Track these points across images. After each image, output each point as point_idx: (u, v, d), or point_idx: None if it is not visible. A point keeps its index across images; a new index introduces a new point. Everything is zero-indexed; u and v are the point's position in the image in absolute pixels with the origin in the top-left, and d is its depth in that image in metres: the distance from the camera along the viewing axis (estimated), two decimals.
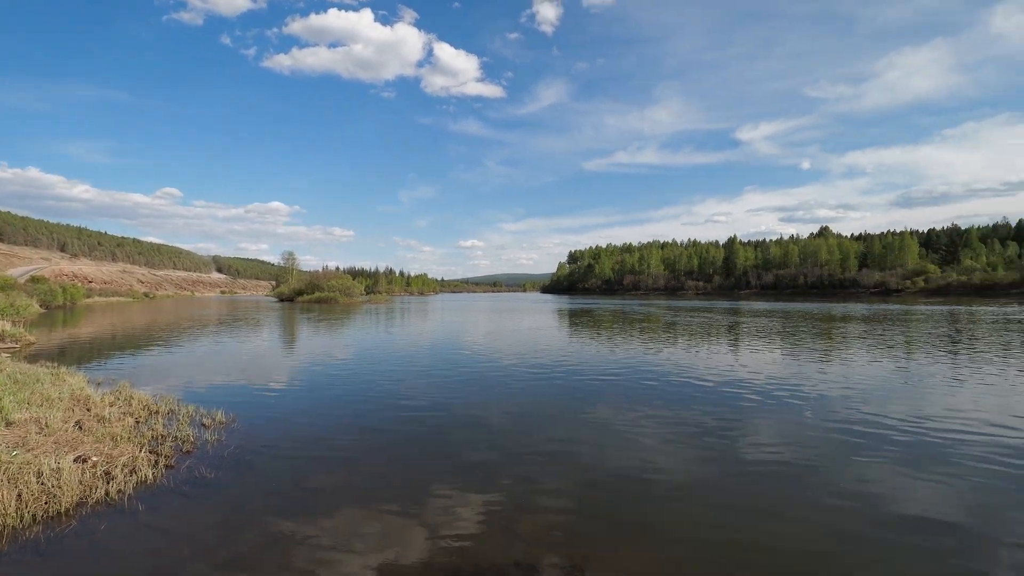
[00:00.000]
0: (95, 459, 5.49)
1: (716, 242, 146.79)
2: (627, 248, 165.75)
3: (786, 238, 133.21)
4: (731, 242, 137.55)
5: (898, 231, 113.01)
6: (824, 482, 5.34)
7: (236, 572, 3.76)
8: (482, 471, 5.76)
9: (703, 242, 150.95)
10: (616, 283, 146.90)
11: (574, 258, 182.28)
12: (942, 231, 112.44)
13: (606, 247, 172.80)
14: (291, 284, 79.52)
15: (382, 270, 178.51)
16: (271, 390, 10.35)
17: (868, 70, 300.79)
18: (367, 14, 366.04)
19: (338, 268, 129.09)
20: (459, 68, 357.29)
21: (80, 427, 6.65)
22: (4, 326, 18.76)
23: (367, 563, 3.86)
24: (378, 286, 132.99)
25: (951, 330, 22.30)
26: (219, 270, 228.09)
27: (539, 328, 26.55)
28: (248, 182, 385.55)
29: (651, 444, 6.72)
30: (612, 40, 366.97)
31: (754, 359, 14.20)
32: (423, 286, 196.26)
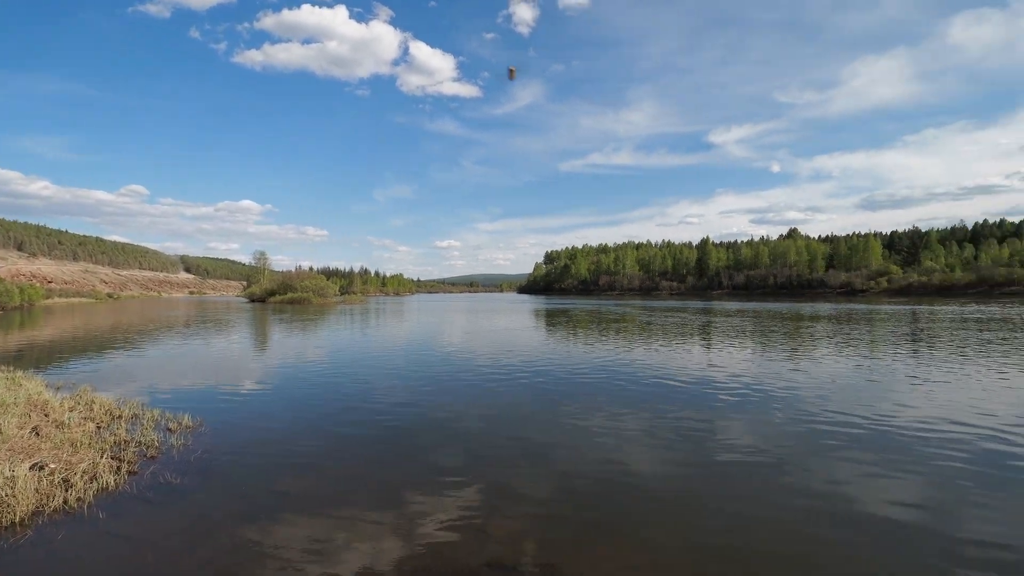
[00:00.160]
0: (53, 466, 5.29)
1: (689, 243, 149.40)
2: (603, 249, 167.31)
3: (757, 239, 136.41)
4: (704, 243, 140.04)
5: (863, 233, 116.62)
6: (793, 481, 5.48)
7: None
8: (456, 473, 5.74)
9: (677, 243, 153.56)
10: (592, 283, 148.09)
11: (550, 258, 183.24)
12: (904, 233, 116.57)
13: (582, 248, 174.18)
14: (263, 284, 78.02)
15: (357, 270, 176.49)
16: (240, 393, 10.13)
17: (835, 76, 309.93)
18: (342, 11, 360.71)
19: (312, 268, 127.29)
20: (435, 67, 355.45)
21: (37, 433, 6.40)
22: None
23: (339, 568, 3.81)
24: (353, 286, 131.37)
25: (913, 329, 23.16)
26: (187, 270, 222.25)
27: (515, 328, 26.60)
28: (218, 180, 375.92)
29: (625, 445, 6.81)
30: (587, 42, 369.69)
31: (726, 359, 14.50)
32: (399, 286, 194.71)
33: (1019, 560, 3.87)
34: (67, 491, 4.91)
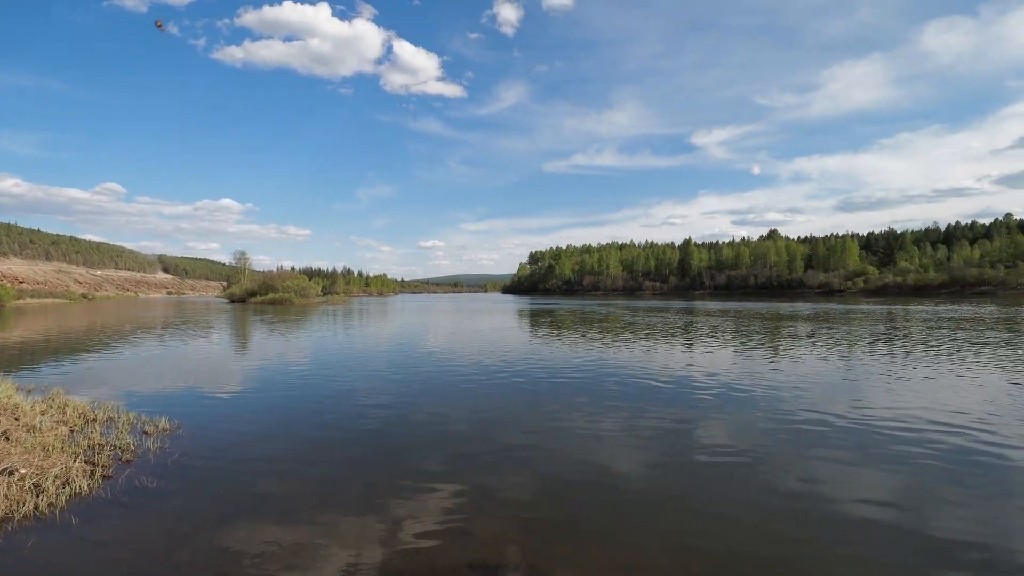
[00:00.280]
0: (23, 471, 5.15)
1: (672, 244, 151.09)
2: (587, 249, 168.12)
3: (738, 240, 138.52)
4: (686, 244, 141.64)
5: (840, 234, 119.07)
6: (774, 480, 5.55)
7: None
8: (438, 475, 5.72)
9: (660, 244, 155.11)
10: (576, 284, 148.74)
11: (535, 259, 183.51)
12: (880, 235, 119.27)
13: (566, 248, 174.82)
14: (243, 284, 76.83)
15: (340, 270, 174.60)
16: (220, 396, 9.96)
17: (813, 80, 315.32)
18: (324, 8, 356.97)
19: (293, 268, 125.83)
20: (419, 66, 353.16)
21: (7, 438, 6.21)
22: None
23: (319, 572, 3.77)
24: (335, 287, 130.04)
25: (889, 329, 23.69)
26: (165, 270, 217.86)
27: (500, 329, 26.58)
28: (197, 178, 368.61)
29: (608, 445, 6.84)
30: (571, 44, 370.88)
31: (709, 358, 14.67)
32: (382, 287, 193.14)
33: (991, 556, 3.98)
34: (38, 497, 4.78)
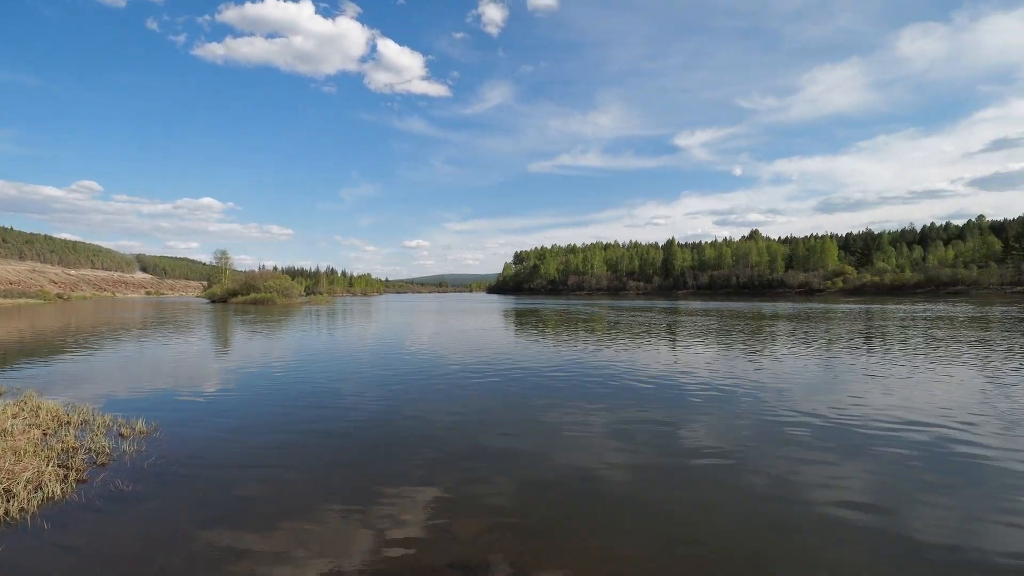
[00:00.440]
0: None
1: (656, 244, 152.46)
2: (571, 249, 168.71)
3: (720, 240, 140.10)
4: (669, 244, 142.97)
5: (820, 235, 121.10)
6: (757, 480, 5.59)
7: None
8: (421, 476, 5.68)
9: (644, 244, 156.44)
10: (561, 283, 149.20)
11: (520, 258, 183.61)
12: (858, 235, 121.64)
13: (551, 248, 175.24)
14: (224, 284, 75.64)
15: (323, 270, 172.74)
16: (199, 397, 9.79)
17: (793, 84, 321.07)
18: (307, 6, 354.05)
19: (276, 268, 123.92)
20: (404, 65, 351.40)
21: None
22: None
23: (302, 574, 3.72)
24: (319, 286, 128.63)
25: (868, 328, 24.18)
26: (144, 269, 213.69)
27: (485, 329, 26.55)
28: (177, 176, 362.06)
29: (592, 445, 6.87)
30: (556, 45, 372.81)
31: (692, 357, 14.82)
32: (367, 286, 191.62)
33: (966, 556, 4.08)
34: (8, 502, 4.65)
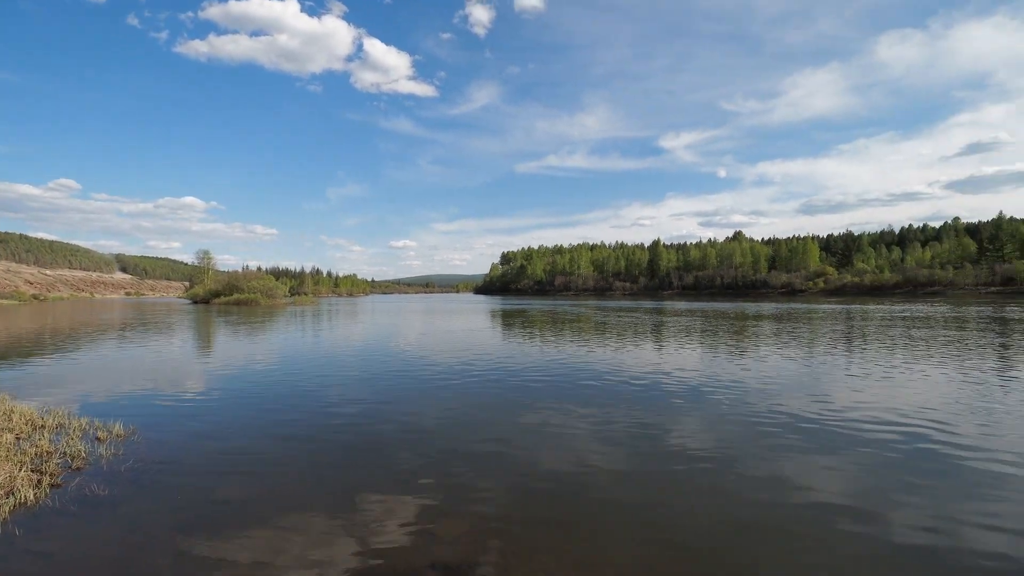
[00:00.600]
0: None
1: (642, 245, 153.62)
2: (558, 250, 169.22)
3: (705, 242, 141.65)
4: (655, 245, 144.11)
5: (802, 236, 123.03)
6: (743, 479, 5.61)
7: None
8: (410, 477, 5.63)
9: (630, 244, 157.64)
10: (548, 284, 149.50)
11: (507, 259, 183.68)
12: (839, 237, 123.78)
13: (538, 248, 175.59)
14: (207, 285, 74.64)
15: (308, 270, 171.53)
16: (179, 399, 9.60)
17: (776, 87, 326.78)
18: (293, 4, 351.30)
19: (260, 268, 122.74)
20: (390, 65, 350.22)
21: None
22: None
23: None
24: (304, 287, 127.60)
25: (848, 328, 24.58)
26: (123, 270, 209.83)
27: (472, 329, 26.48)
28: (158, 175, 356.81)
29: (579, 445, 6.86)
30: (543, 46, 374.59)
31: (678, 357, 14.92)
32: (352, 287, 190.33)
33: (946, 556, 4.15)
34: None
